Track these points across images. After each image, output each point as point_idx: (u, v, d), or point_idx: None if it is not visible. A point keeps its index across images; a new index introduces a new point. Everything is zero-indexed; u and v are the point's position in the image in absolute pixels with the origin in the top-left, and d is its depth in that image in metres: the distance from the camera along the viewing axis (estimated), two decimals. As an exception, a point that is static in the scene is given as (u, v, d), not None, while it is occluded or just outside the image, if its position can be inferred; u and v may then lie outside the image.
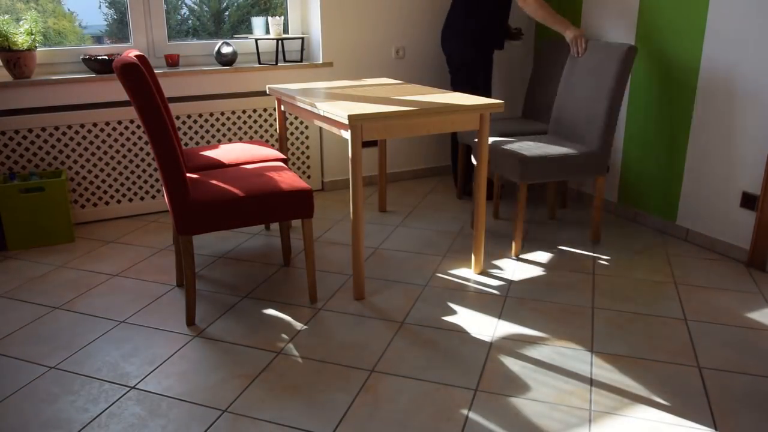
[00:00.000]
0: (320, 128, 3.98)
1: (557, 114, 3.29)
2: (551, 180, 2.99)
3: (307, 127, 3.92)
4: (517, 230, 2.94)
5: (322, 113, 2.51)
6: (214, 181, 2.46)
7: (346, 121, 2.32)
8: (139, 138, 3.50)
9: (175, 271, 2.72)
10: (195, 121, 3.61)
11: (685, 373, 2.05)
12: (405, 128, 2.46)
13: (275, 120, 3.83)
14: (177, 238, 2.63)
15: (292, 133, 3.91)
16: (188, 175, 2.60)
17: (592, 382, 2.00)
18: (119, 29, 3.72)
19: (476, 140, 2.69)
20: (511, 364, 2.10)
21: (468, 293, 2.61)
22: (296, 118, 3.87)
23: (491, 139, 3.19)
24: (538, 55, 3.87)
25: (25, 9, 3.40)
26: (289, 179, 2.50)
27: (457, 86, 3.63)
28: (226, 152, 2.99)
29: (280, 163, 2.81)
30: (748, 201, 2.86)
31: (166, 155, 2.16)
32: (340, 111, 2.37)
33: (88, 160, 3.40)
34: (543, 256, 2.99)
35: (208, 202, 2.28)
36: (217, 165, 2.85)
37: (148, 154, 3.53)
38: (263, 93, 3.77)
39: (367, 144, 4.00)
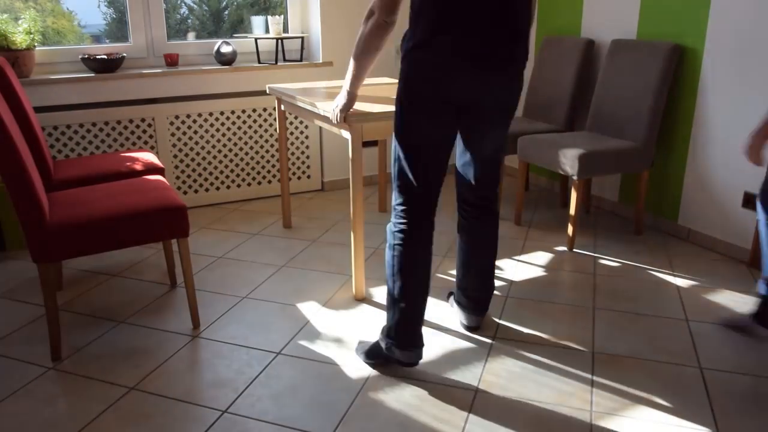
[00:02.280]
0: (320, 128, 3.97)
1: (596, 110, 3.38)
2: (604, 174, 3.09)
3: (306, 127, 3.91)
4: (572, 225, 3.04)
5: (322, 113, 2.50)
6: (78, 200, 2.24)
7: (346, 121, 2.31)
8: (138, 138, 3.49)
9: (175, 271, 2.72)
10: (194, 121, 3.60)
11: (686, 373, 2.04)
12: None
13: (275, 120, 3.82)
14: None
15: (292, 133, 3.90)
16: (52, 193, 2.36)
17: (592, 383, 1.99)
18: (118, 29, 3.71)
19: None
20: (511, 364, 2.09)
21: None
22: (296, 117, 3.87)
23: (533, 136, 3.26)
24: (539, 53, 3.86)
25: (24, 8, 3.39)
26: (162, 195, 2.29)
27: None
28: (100, 164, 2.76)
29: (158, 176, 2.59)
30: (750, 201, 2.85)
31: (12, 175, 1.93)
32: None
33: (87, 160, 3.39)
34: (543, 256, 2.99)
35: (67, 226, 2.05)
36: (87, 179, 2.62)
37: (147, 153, 3.53)
38: (263, 93, 3.76)
39: (367, 144, 4.00)
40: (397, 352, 1.98)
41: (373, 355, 2.07)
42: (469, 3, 1.77)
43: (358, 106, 2.45)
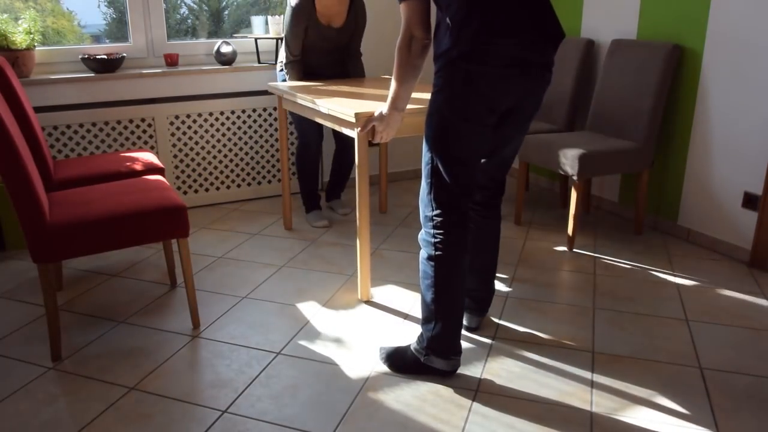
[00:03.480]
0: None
1: (596, 110, 3.39)
2: (604, 174, 3.09)
3: (306, 127, 3.91)
4: (572, 225, 3.03)
5: (326, 111, 2.49)
6: (78, 200, 2.24)
7: (353, 119, 2.31)
8: (138, 138, 3.49)
9: (175, 271, 2.72)
10: (194, 121, 3.60)
11: (686, 373, 2.04)
12: (411, 127, 2.41)
13: (275, 120, 3.82)
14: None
15: (291, 133, 3.90)
16: (52, 193, 2.36)
17: (592, 382, 1.99)
18: (118, 29, 3.71)
19: None
20: (511, 364, 2.09)
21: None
22: (296, 117, 3.86)
23: (533, 136, 3.26)
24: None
25: (24, 8, 3.39)
26: (162, 195, 2.29)
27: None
28: (100, 164, 2.76)
29: (158, 176, 2.58)
30: (750, 201, 2.85)
31: (12, 175, 1.94)
32: (346, 109, 2.36)
33: (87, 160, 3.39)
34: (543, 256, 2.98)
35: (67, 226, 2.05)
36: (87, 179, 2.62)
37: (147, 153, 3.53)
38: (263, 93, 3.76)
39: (370, 144, 3.99)
40: (437, 361, 1.97)
41: (407, 368, 2.03)
42: (512, 8, 1.73)
43: (363, 104, 2.43)
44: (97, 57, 3.33)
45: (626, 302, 2.52)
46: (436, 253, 1.89)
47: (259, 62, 3.77)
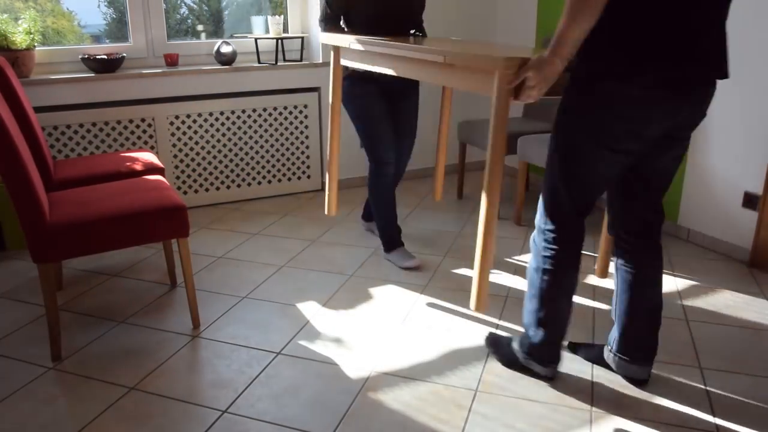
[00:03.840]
0: (320, 127, 3.96)
1: None
2: None
3: (307, 127, 3.91)
4: None
5: (448, 60, 1.90)
6: (78, 200, 2.24)
7: (494, 66, 1.71)
8: (138, 138, 3.49)
9: (175, 271, 2.72)
10: (194, 121, 3.60)
11: (686, 373, 2.04)
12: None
13: (275, 119, 3.82)
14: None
15: (292, 133, 3.90)
16: (52, 193, 2.36)
17: (592, 383, 1.99)
18: (118, 29, 3.71)
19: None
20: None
21: (468, 293, 2.60)
22: (296, 118, 3.86)
23: (533, 136, 3.22)
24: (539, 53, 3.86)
25: (24, 8, 3.39)
26: (162, 195, 2.29)
27: None
28: (100, 164, 2.75)
29: (158, 176, 2.58)
30: (749, 201, 2.85)
31: (12, 175, 1.94)
32: (486, 52, 1.82)
33: (87, 160, 3.39)
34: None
35: (67, 226, 2.05)
36: (87, 179, 2.62)
37: (147, 153, 3.53)
38: (263, 92, 3.76)
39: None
40: (538, 367, 1.99)
41: (510, 364, 2.06)
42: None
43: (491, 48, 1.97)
44: (97, 57, 3.33)
45: (626, 302, 2.52)
46: (544, 266, 1.85)
47: (259, 62, 3.77)
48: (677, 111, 1.62)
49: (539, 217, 1.88)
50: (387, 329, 2.32)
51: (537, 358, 1.97)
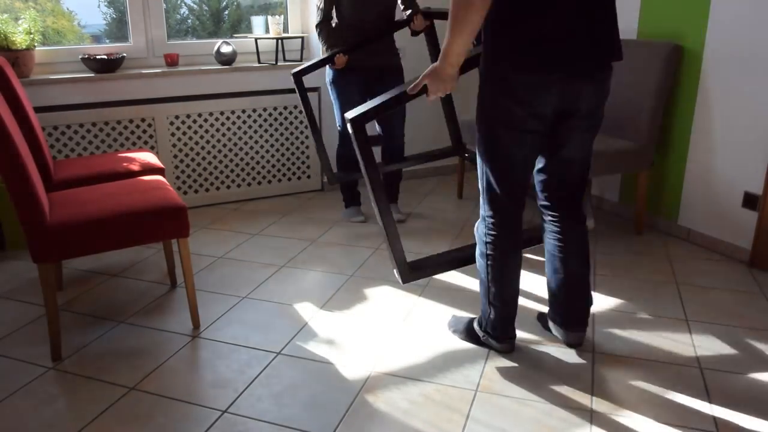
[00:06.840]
0: (320, 127, 3.96)
1: None
2: (604, 174, 3.11)
3: (306, 127, 3.91)
4: None
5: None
6: (78, 200, 2.24)
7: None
8: (138, 138, 3.49)
9: (175, 271, 2.72)
10: (194, 121, 3.60)
11: (686, 373, 2.04)
12: None
13: (275, 119, 3.82)
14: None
15: (292, 133, 3.90)
16: (52, 193, 2.36)
17: (592, 383, 1.99)
18: (118, 29, 3.71)
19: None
20: (511, 364, 2.09)
21: (468, 294, 2.60)
22: (296, 118, 3.86)
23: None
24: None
25: (24, 8, 3.39)
26: (162, 195, 2.29)
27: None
28: (100, 164, 2.76)
29: (158, 176, 2.59)
30: (749, 201, 2.85)
31: (12, 175, 1.94)
32: None
33: (87, 160, 3.39)
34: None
35: (67, 226, 2.05)
36: (87, 179, 2.62)
37: (147, 153, 3.53)
38: (263, 92, 3.76)
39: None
40: (494, 343, 2.14)
41: (471, 338, 2.22)
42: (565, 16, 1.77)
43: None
44: (97, 57, 3.33)
45: (626, 302, 2.52)
46: (488, 252, 2.02)
47: (259, 62, 3.77)
48: (570, 90, 1.80)
49: (481, 207, 2.05)
50: (387, 329, 2.32)
51: (493, 336, 2.13)
